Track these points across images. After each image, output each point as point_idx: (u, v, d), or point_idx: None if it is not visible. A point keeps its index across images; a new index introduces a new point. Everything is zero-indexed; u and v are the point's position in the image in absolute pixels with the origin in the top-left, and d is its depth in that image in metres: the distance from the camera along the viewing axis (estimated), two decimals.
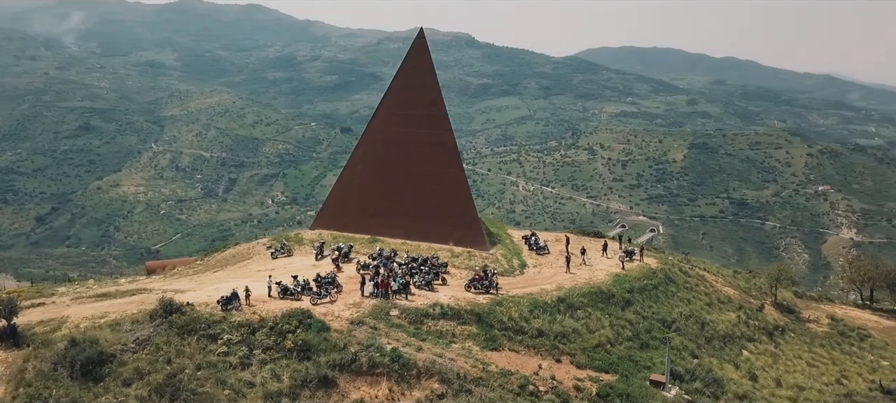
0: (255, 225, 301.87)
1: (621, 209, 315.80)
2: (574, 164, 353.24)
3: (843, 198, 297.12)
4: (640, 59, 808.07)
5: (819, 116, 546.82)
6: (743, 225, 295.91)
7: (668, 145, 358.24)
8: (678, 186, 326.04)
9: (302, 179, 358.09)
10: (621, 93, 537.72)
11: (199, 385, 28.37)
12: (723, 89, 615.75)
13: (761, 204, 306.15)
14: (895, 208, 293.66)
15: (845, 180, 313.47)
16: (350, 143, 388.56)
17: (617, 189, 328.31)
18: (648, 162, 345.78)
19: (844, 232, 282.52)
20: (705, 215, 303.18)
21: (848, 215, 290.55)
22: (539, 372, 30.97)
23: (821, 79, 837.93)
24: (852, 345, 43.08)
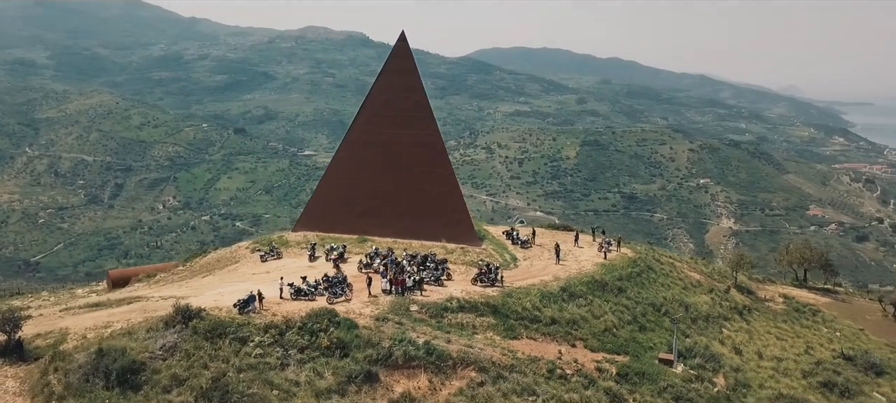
0: (146, 232, 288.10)
1: (519, 205, 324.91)
2: (473, 163, 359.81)
3: (722, 190, 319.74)
4: (531, 60, 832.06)
5: (696, 114, 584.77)
6: (634, 217, 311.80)
7: (561, 143, 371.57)
8: (572, 182, 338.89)
9: (195, 183, 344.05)
10: (514, 93, 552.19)
11: (246, 387, 28.40)
12: (609, 88, 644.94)
13: (649, 198, 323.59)
14: (767, 198, 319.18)
15: (723, 173, 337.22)
16: (244, 144, 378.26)
17: (515, 186, 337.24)
18: (543, 159, 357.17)
19: (724, 221, 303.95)
20: (599, 209, 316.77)
21: (726, 206, 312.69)
22: (562, 357, 33.08)
23: (696, 78, 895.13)
24: (808, 320, 48.15)
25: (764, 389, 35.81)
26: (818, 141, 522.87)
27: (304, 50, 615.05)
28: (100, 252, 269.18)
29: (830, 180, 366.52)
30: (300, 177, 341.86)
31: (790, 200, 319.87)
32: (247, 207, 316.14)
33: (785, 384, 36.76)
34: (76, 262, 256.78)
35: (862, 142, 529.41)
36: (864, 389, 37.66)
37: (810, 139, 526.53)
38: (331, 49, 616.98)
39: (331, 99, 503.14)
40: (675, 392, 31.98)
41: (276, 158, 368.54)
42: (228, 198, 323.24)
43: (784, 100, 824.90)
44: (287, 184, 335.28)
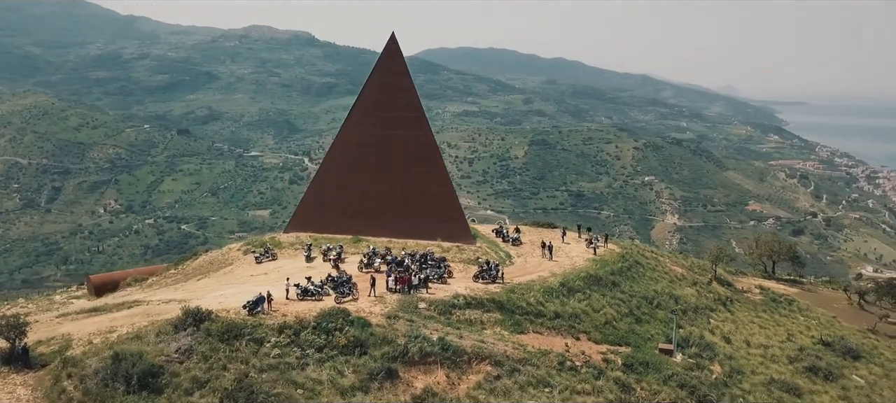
0: (87, 237, 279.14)
1: (470, 204, 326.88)
2: None
3: (666, 187, 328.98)
4: (477, 60, 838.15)
5: (639, 113, 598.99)
6: (581, 215, 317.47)
7: (510, 142, 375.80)
8: (521, 181, 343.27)
9: (137, 185, 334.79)
10: (462, 93, 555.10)
11: (270, 387, 28.47)
12: (555, 88, 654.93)
13: (596, 195, 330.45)
14: (709, 195, 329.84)
15: (666, 170, 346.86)
16: (188, 146, 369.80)
17: (465, 185, 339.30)
18: (493, 158, 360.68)
19: (668, 217, 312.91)
20: (547, 207, 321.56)
21: (671, 202, 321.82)
22: (569, 350, 34.16)
23: (638, 78, 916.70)
24: (785, 309, 50.61)
25: (756, 375, 37.77)
26: (755, 139, 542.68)
27: (248, 49, 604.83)
28: (37, 258, 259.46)
29: (767, 177, 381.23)
30: (247, 178, 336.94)
31: (730, 196, 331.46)
32: (192, 209, 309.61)
33: (774, 369, 38.83)
34: (12, 269, 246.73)
35: (795, 139, 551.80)
36: (844, 372, 40.04)
37: (747, 137, 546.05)
38: (276, 48, 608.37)
39: (277, 99, 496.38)
40: (680, 380, 33.47)
41: (222, 159, 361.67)
42: (173, 201, 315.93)
43: (722, 100, 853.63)
44: (233, 186, 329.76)
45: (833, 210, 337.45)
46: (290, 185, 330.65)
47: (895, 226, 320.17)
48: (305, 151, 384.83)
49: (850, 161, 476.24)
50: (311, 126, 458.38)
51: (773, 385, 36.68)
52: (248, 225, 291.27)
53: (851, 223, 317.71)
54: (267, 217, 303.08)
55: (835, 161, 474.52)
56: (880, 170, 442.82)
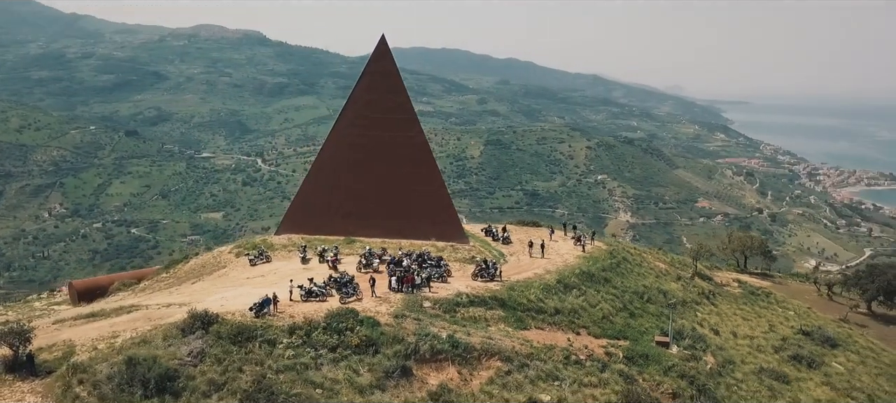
0: (31, 242, 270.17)
1: None
2: None
3: (619, 186, 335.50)
4: (431, 60, 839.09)
5: (591, 112, 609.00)
6: (537, 213, 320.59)
7: (465, 143, 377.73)
8: (477, 181, 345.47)
9: (83, 189, 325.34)
10: (416, 93, 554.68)
11: (289, 387, 28.63)
12: (508, 89, 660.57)
13: (551, 194, 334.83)
14: (660, 192, 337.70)
15: (619, 169, 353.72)
16: (137, 147, 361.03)
17: None
18: (449, 159, 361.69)
19: (621, 215, 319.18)
20: (503, 206, 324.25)
21: (623, 200, 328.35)
22: (573, 344, 35.16)
23: (589, 78, 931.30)
24: (763, 302, 52.67)
25: (746, 364, 39.48)
26: (702, 137, 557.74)
27: (197, 49, 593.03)
28: None
29: (715, 174, 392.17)
30: (199, 180, 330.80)
31: (680, 194, 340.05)
32: (143, 213, 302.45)
33: (762, 359, 40.63)
34: None
35: (741, 138, 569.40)
36: (825, 360, 42.11)
37: (695, 136, 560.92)
38: (226, 48, 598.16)
39: (228, 99, 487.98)
40: (680, 371, 34.83)
41: (173, 161, 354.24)
42: (122, 205, 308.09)
43: (670, 99, 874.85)
44: (185, 188, 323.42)
45: (778, 206, 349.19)
46: (243, 187, 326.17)
47: (835, 221, 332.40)
48: (258, 152, 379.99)
49: (793, 158, 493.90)
50: (264, 126, 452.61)
51: (762, 374, 38.45)
52: (200, 228, 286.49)
53: (795, 218, 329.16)
54: (220, 219, 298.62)
55: (778, 158, 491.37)
56: (820, 166, 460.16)
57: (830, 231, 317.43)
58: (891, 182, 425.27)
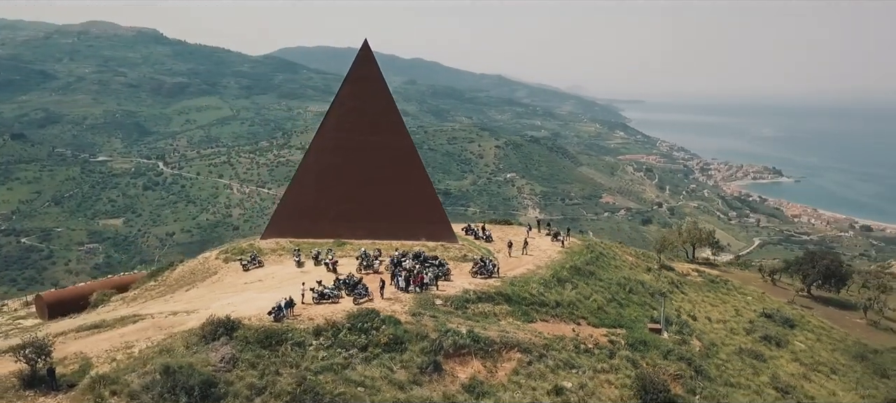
0: None
1: None
2: (289, 164, 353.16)
3: (527, 183, 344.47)
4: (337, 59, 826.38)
5: (497, 112, 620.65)
6: (450, 212, 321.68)
7: None
8: None
9: None
10: (324, 93, 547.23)
11: (332, 387, 28.98)
12: (415, 89, 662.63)
13: (463, 193, 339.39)
14: (566, 189, 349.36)
15: (526, 167, 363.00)
16: (25, 151, 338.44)
17: None
18: None
19: (530, 212, 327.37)
20: None
21: (532, 197, 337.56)
22: (579, 335, 37.15)
23: (494, 79, 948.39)
24: (724, 289, 56.58)
25: (726, 346, 42.84)
26: (603, 135, 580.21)
27: (88, 46, 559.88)
28: None
29: (617, 171, 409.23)
30: (95, 186, 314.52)
31: (585, 190, 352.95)
32: (34, 221, 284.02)
33: (739, 340, 44.18)
34: None
35: (639, 135, 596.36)
36: (788, 339, 46.16)
37: (596, 134, 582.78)
38: (119, 46, 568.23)
39: (123, 100, 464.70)
40: (678, 355, 37.52)
41: (65, 165, 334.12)
42: (10, 212, 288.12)
43: (571, 99, 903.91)
44: (80, 194, 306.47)
45: (675, 199, 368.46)
46: (144, 192, 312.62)
47: (727, 213, 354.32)
48: (159, 155, 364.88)
49: (686, 154, 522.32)
50: (164, 128, 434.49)
51: (742, 354, 41.90)
52: (99, 235, 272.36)
53: (691, 211, 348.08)
54: (120, 226, 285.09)
55: (673, 154, 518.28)
56: (712, 162, 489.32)
57: (723, 222, 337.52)
58: (774, 175, 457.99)
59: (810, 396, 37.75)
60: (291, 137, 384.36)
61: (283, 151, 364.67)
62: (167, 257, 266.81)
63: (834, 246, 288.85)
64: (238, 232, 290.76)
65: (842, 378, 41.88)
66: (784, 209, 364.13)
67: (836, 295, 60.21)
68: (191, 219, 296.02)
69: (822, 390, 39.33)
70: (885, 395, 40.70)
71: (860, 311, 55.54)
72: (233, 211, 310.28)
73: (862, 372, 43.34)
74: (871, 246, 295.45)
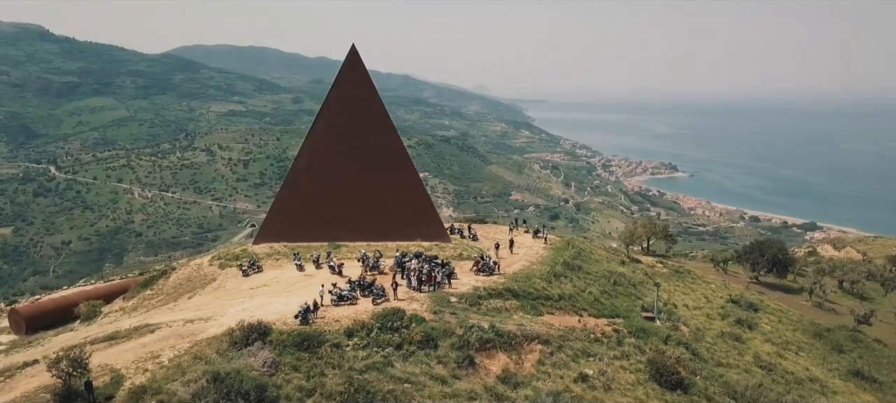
0: None
1: (249, 208, 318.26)
2: (193, 166, 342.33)
3: (440, 182, 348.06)
4: (239, 58, 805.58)
5: (405, 112, 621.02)
6: None
7: (286, 143, 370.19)
8: None
9: None
10: (226, 93, 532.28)
11: (379, 385, 29.55)
12: (322, 88, 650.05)
13: None
14: (477, 187, 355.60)
15: (439, 166, 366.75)
16: None
17: (242, 189, 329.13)
18: (270, 160, 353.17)
19: (444, 210, 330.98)
20: None
21: (445, 196, 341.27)
22: (586, 325, 39.18)
23: (401, 78, 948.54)
24: (689, 278, 60.14)
25: (709, 330, 46.14)
26: (509, 134, 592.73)
27: None
28: None
29: (524, 169, 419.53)
30: None
31: (496, 188, 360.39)
32: None
33: (718, 325, 47.58)
34: None
35: (543, 134, 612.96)
36: (756, 322, 50.07)
37: (503, 133, 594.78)
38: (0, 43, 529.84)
39: (7, 100, 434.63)
40: (676, 339, 40.29)
41: None
42: None
43: (477, 99, 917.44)
44: None
45: (581, 196, 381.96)
46: (35, 198, 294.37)
47: (629, 207, 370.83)
48: (50, 159, 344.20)
49: (589, 152, 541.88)
50: (54, 130, 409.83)
51: (724, 337, 45.28)
52: None
53: (596, 206, 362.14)
54: (9, 235, 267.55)
55: (576, 152, 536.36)
56: (612, 158, 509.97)
57: (626, 215, 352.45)
58: (670, 171, 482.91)
59: (790, 372, 41.44)
60: (195, 139, 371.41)
61: (187, 153, 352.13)
62: (63, 267, 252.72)
63: (727, 236, 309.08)
64: (141, 240, 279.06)
65: (808, 355, 46.15)
66: (681, 202, 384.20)
67: (782, 280, 65.54)
68: (89, 227, 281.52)
69: (797, 366, 43.26)
70: (847, 367, 45.26)
71: (805, 294, 60.89)
72: (135, 217, 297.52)
73: (822, 349, 47.86)
74: (760, 235, 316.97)
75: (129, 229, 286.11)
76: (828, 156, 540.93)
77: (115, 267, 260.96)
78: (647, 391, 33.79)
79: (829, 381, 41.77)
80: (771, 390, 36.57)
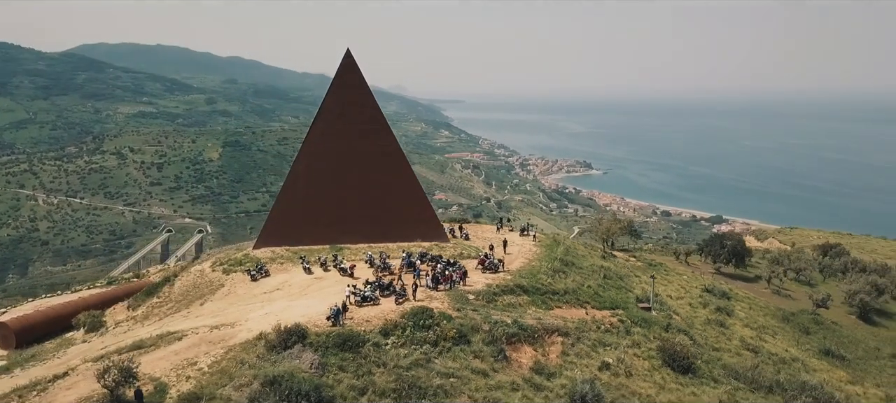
0: None
1: (165, 213, 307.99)
2: (103, 171, 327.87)
3: None
4: (146, 57, 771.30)
5: None
6: None
7: (201, 145, 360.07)
8: (219, 185, 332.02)
9: None
10: (134, 93, 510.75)
11: (429, 380, 30.22)
12: (236, 88, 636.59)
13: None
14: None
15: None
16: None
17: (156, 193, 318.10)
18: (185, 163, 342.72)
19: None
20: (249, 210, 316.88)
21: None
22: (595, 317, 41.10)
23: (317, 78, 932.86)
24: (662, 270, 63.00)
25: (696, 318, 48.94)
26: (429, 134, 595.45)
27: None
28: None
29: (446, 168, 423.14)
30: None
31: None
32: None
33: (701, 314, 50.51)
34: None
35: (462, 134, 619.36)
36: (732, 309, 53.41)
37: (423, 133, 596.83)
38: None
39: None
40: (676, 327, 42.75)
41: None
42: None
43: (396, 99, 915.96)
44: None
45: (501, 194, 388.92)
46: None
47: (548, 205, 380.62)
48: None
49: (507, 151, 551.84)
50: None
51: (710, 323, 48.28)
52: None
53: (516, 204, 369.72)
54: None
55: (495, 151, 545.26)
56: (530, 157, 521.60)
57: (546, 213, 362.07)
58: (585, 168, 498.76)
59: (774, 353, 44.75)
60: (104, 141, 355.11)
61: (95, 157, 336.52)
62: None
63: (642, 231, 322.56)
64: (48, 249, 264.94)
65: (783, 338, 49.87)
66: (596, 199, 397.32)
67: (740, 270, 69.87)
68: None
69: (777, 347, 46.74)
70: (817, 347, 49.24)
71: (763, 283, 65.31)
72: (39, 224, 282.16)
73: (792, 331, 51.79)
74: (672, 229, 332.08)
75: (33, 238, 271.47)
76: (732, 153, 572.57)
77: (19, 279, 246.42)
78: (663, 376, 36.00)
79: (807, 360, 45.41)
80: (765, 370, 39.59)
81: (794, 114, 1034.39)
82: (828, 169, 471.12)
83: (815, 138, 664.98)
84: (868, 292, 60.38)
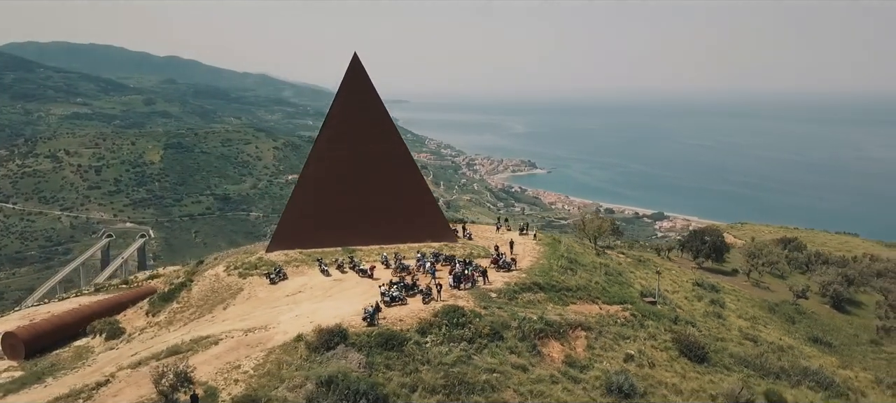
0: None
1: (105, 218, 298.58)
2: (37, 174, 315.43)
3: None
4: (79, 56, 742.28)
5: (266, 113, 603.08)
6: (230, 218, 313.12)
7: (142, 147, 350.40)
8: (161, 188, 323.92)
9: None
10: (67, 93, 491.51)
11: (476, 377, 30.82)
12: (175, 88, 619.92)
13: (243, 197, 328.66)
14: None
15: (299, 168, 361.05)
16: None
17: (95, 197, 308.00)
18: (125, 165, 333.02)
19: None
20: (194, 213, 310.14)
21: None
22: (608, 312, 42.44)
23: (258, 78, 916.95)
24: (652, 266, 64.80)
25: (696, 311, 50.86)
26: None
27: None
28: None
29: None
30: None
31: None
32: None
33: (698, 306, 52.51)
34: None
35: (409, 134, 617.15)
36: (722, 300, 55.62)
37: None
38: None
39: None
40: (684, 319, 44.49)
41: None
42: None
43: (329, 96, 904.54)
44: None
45: (450, 194, 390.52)
46: None
47: (496, 204, 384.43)
48: None
49: (453, 151, 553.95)
50: None
51: (709, 315, 50.28)
52: None
53: (465, 204, 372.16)
54: None
55: (442, 151, 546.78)
56: (476, 157, 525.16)
57: (494, 212, 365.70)
58: (530, 168, 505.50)
59: (770, 341, 47.03)
60: (36, 144, 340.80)
61: (28, 160, 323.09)
62: None
63: None
64: None
65: (774, 327, 52.36)
66: (542, 198, 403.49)
67: (719, 265, 72.72)
68: None
69: (772, 336, 49.12)
70: (805, 335, 51.94)
71: (743, 276, 68.23)
72: None
73: (779, 321, 54.43)
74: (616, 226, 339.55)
75: None
76: (672, 151, 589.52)
77: None
78: (682, 365, 37.66)
79: (799, 348, 47.90)
80: (769, 357, 41.77)
81: (723, 114, 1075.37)
82: (762, 166, 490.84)
83: (751, 137, 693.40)
84: (840, 283, 64.00)
